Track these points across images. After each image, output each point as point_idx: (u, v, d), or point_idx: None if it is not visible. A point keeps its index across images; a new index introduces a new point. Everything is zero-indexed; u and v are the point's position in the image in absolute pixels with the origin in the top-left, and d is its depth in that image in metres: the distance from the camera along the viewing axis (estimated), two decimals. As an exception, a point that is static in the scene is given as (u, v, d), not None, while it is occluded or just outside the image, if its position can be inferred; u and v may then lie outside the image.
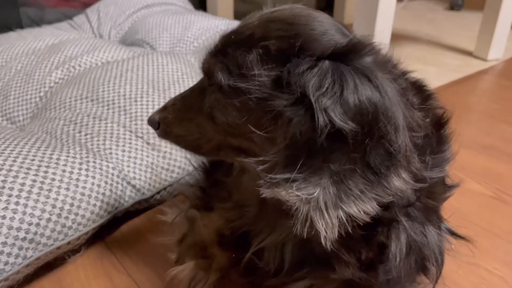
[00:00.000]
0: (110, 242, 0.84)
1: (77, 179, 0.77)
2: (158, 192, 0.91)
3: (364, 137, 0.45)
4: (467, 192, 1.00)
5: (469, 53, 2.05)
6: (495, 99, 1.56)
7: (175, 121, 0.62)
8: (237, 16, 2.25)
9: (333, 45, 0.50)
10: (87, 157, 0.83)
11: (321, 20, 0.54)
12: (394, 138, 0.46)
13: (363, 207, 0.46)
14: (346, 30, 0.55)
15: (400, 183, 0.48)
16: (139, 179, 0.88)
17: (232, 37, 0.55)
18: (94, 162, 0.83)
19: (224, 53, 0.54)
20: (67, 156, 0.81)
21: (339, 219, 0.46)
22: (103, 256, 0.81)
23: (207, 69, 0.57)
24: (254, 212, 0.65)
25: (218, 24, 1.50)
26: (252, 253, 0.65)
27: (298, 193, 0.45)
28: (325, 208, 0.45)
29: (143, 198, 0.88)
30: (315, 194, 0.45)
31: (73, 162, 0.80)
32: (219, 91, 0.55)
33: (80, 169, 0.79)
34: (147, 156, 0.92)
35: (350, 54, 0.48)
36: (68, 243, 0.74)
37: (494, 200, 0.98)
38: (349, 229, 0.48)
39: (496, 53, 1.98)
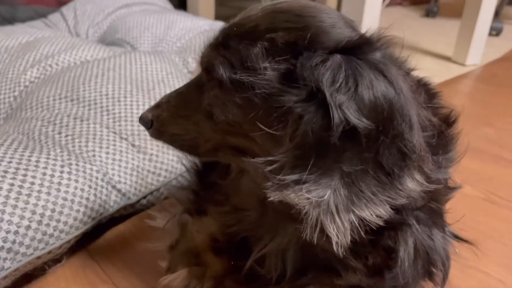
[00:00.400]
0: (93, 250, 0.79)
1: (59, 183, 0.72)
2: (144, 197, 0.87)
3: (377, 135, 0.42)
4: (458, 194, 0.99)
5: (447, 58, 2.08)
6: (477, 102, 1.58)
7: (170, 119, 0.58)
8: (217, 19, 2.21)
9: (344, 39, 0.47)
10: (69, 159, 0.77)
11: (329, 12, 0.51)
12: (409, 137, 0.44)
13: (376, 210, 0.44)
14: (353, 24, 0.53)
15: (413, 184, 0.45)
16: (125, 183, 0.83)
17: (234, 29, 0.51)
18: (77, 164, 0.77)
19: (225, 46, 0.51)
20: (47, 158, 0.75)
21: (351, 223, 0.43)
22: (86, 265, 0.75)
23: (207, 63, 0.53)
24: (254, 216, 0.61)
25: (201, 25, 1.46)
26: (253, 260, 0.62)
27: (308, 196, 0.42)
28: (336, 211, 0.43)
29: (129, 203, 0.83)
30: (326, 197, 0.42)
31: (54, 165, 0.74)
32: (219, 87, 0.51)
33: (61, 172, 0.74)
34: (133, 159, 0.87)
35: (362, 48, 0.46)
36: (49, 252, 0.68)
37: (486, 202, 0.97)
38: (362, 233, 0.46)
39: (474, 59, 2.02)
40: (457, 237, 0.68)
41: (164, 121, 0.58)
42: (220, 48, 0.51)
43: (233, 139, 0.54)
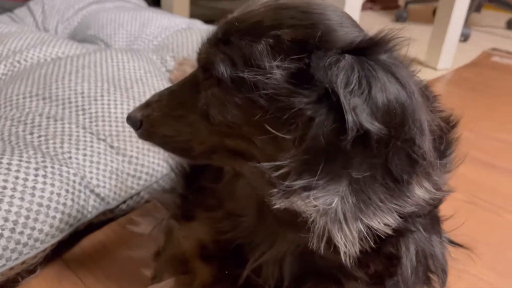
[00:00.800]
0: (69, 259, 0.73)
1: (33, 187, 0.66)
2: (124, 202, 0.82)
3: (388, 140, 0.41)
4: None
5: (420, 63, 2.11)
6: (452, 106, 1.60)
7: (162, 119, 0.54)
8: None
9: (354, 38, 0.45)
10: (43, 161, 0.72)
11: (335, 10, 0.49)
12: (420, 143, 0.42)
13: (384, 219, 0.42)
14: (357, 23, 0.51)
15: (422, 192, 0.44)
16: (103, 187, 0.78)
17: (236, 24, 0.48)
18: (53, 167, 0.72)
19: (226, 42, 0.47)
20: (20, 161, 0.69)
21: (359, 232, 0.41)
22: (62, 276, 0.70)
23: (205, 60, 0.49)
24: (250, 222, 0.58)
25: (178, 23, 1.41)
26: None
27: (316, 203, 0.40)
28: (344, 220, 0.41)
29: (108, 208, 0.78)
30: (334, 204, 0.40)
31: (28, 168, 0.69)
32: (217, 86, 0.48)
33: (36, 175, 0.68)
34: (112, 161, 0.82)
35: (373, 49, 0.43)
36: (23, 262, 0.63)
37: (471, 206, 0.97)
38: (371, 243, 0.44)
39: (445, 63, 2.06)
40: (452, 242, 0.67)
41: (155, 121, 0.54)
42: (220, 44, 0.48)
43: (231, 142, 0.50)
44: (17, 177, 0.66)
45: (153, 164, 0.87)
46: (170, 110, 0.54)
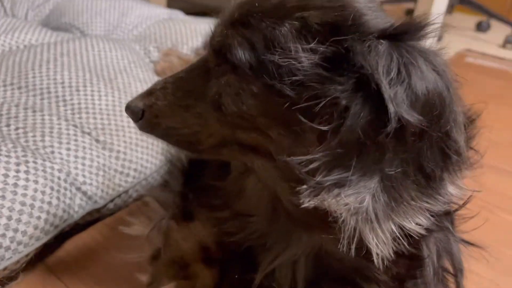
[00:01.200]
0: (53, 264, 0.67)
1: (15, 184, 0.59)
2: (111, 200, 0.75)
3: (423, 133, 0.38)
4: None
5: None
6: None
7: (167, 109, 0.49)
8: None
9: (385, 23, 0.42)
10: (24, 156, 0.65)
11: None
12: (455, 137, 0.39)
13: (415, 218, 0.39)
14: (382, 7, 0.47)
15: (453, 189, 0.42)
16: (90, 184, 0.71)
17: (256, 4, 0.44)
18: (35, 162, 0.65)
19: (244, 25, 0.43)
20: (-1, 155, 0.62)
21: (391, 232, 0.39)
22: (46, 282, 0.63)
23: (220, 44, 0.45)
24: (262, 223, 0.53)
25: (159, 13, 1.35)
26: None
27: (347, 201, 0.37)
28: (376, 219, 0.38)
29: (96, 207, 0.72)
30: (365, 202, 0.37)
31: (8, 162, 0.61)
32: (232, 73, 0.43)
33: (17, 171, 0.61)
34: (98, 156, 0.75)
35: (407, 35, 0.40)
36: (5, 268, 0.56)
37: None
38: (405, 244, 0.41)
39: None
40: (464, 241, 0.65)
41: (159, 111, 0.49)
42: (237, 27, 0.43)
43: (243, 135, 0.46)
44: (-4, 173, 0.59)
45: (141, 160, 0.81)
46: (176, 99, 0.49)
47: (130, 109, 0.50)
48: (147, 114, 0.49)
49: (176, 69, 1.04)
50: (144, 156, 0.81)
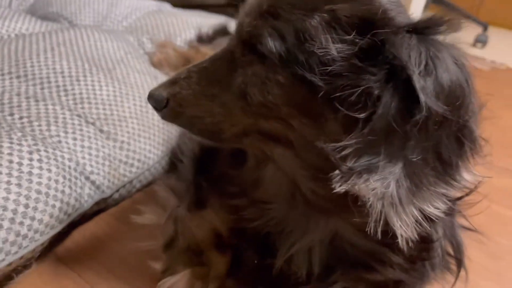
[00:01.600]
0: (63, 254, 0.66)
1: (30, 173, 0.59)
2: (117, 190, 0.75)
3: (444, 123, 0.40)
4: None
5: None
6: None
7: (192, 98, 0.49)
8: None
9: (408, 18, 0.44)
10: (35, 144, 0.64)
11: None
12: (471, 126, 0.43)
13: (434, 203, 0.42)
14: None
15: (469, 175, 0.45)
16: (98, 174, 0.71)
17: None
18: (46, 151, 0.64)
19: (274, 15, 0.44)
20: (11, 143, 0.61)
21: (413, 215, 0.41)
22: (58, 272, 0.63)
23: (249, 34, 0.46)
24: (281, 210, 0.55)
25: (148, 5, 1.34)
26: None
27: (374, 186, 0.39)
28: (399, 203, 0.40)
29: (103, 197, 0.72)
30: (390, 188, 0.40)
31: (20, 151, 0.61)
32: (260, 63, 0.45)
33: (31, 159, 0.60)
34: (103, 146, 0.75)
35: (431, 29, 0.43)
36: (21, 257, 0.55)
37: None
38: (427, 227, 0.44)
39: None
40: (463, 227, 0.69)
41: (183, 100, 0.49)
42: (267, 17, 0.44)
43: (266, 124, 0.48)
44: (10, 161, 0.58)
45: (144, 150, 0.81)
46: (201, 89, 0.49)
47: (153, 98, 0.50)
48: (171, 102, 0.50)
49: (172, 61, 1.04)
50: (147, 147, 0.82)
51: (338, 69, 0.41)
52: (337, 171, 0.41)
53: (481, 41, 2.45)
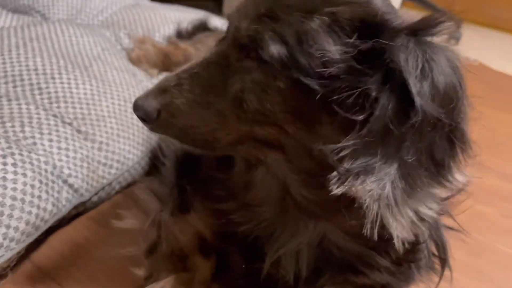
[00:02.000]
0: (40, 261, 0.63)
1: (4, 178, 0.56)
2: (96, 193, 0.73)
3: (437, 124, 0.40)
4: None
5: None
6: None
7: (186, 107, 0.46)
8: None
9: (403, 20, 0.44)
10: (9, 147, 0.61)
11: None
12: (463, 128, 0.43)
13: (427, 203, 0.42)
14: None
15: (461, 176, 0.45)
16: (76, 177, 0.68)
17: None
18: (21, 154, 0.61)
19: (273, 18, 0.43)
20: (-17, 147, 0.58)
21: (409, 216, 0.41)
22: (36, 281, 0.60)
23: (250, 38, 0.44)
24: (271, 213, 0.54)
25: (124, -2, 1.30)
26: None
27: (370, 188, 0.39)
28: (395, 204, 0.40)
29: (82, 200, 0.69)
30: (386, 189, 0.40)
31: (-7, 155, 0.58)
32: (259, 69, 0.43)
33: (4, 164, 0.57)
34: (81, 148, 0.72)
35: (425, 31, 0.43)
36: (-4, 267, 0.53)
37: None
38: (422, 227, 0.44)
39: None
40: (446, 226, 0.70)
41: (177, 110, 0.46)
42: (266, 21, 0.43)
43: (261, 131, 0.46)
44: (-17, 166, 0.55)
45: (123, 151, 0.78)
46: (195, 97, 0.46)
47: (142, 109, 0.46)
48: (163, 114, 0.46)
49: (151, 58, 1.02)
50: (126, 147, 0.79)
51: (336, 71, 0.41)
52: (334, 173, 0.40)
53: (455, 37, 2.49)
